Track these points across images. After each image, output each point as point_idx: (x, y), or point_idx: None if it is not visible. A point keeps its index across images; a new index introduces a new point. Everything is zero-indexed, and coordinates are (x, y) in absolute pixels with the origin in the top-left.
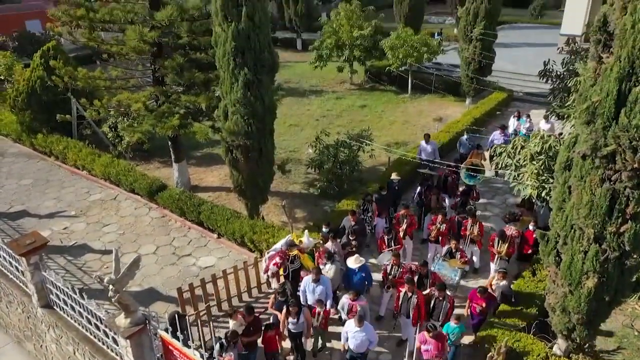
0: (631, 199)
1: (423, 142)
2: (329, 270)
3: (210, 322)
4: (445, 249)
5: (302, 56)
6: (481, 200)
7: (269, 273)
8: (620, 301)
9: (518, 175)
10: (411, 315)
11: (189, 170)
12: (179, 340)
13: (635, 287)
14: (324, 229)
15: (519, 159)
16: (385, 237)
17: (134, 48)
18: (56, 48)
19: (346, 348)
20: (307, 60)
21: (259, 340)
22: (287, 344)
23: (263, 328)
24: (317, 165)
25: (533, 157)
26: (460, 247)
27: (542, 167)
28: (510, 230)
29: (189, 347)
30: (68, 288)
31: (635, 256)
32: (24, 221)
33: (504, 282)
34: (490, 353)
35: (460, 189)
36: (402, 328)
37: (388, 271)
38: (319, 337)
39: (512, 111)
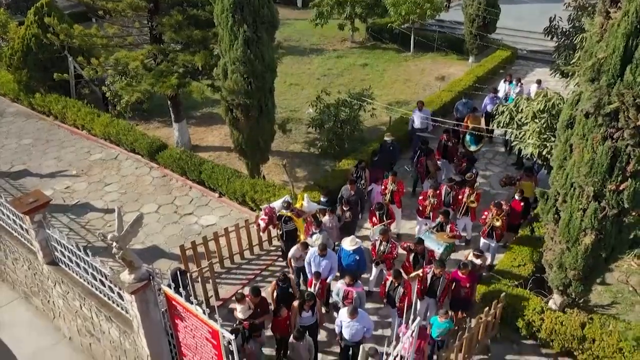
0: (632, 157)
1: (416, 111)
2: (316, 240)
3: (213, 279)
4: (437, 221)
5: (302, 13)
6: (481, 162)
7: (260, 227)
8: (617, 258)
9: (519, 134)
10: (397, 305)
11: (189, 129)
12: (181, 296)
13: (632, 244)
14: (322, 199)
15: (521, 117)
16: (377, 212)
17: (130, 4)
18: (50, 5)
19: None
20: (307, 18)
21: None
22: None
23: (272, 311)
24: (317, 125)
25: (535, 115)
26: (451, 221)
27: (544, 126)
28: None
29: (191, 302)
30: (72, 245)
31: (633, 214)
32: (26, 180)
33: (478, 261)
34: (487, 308)
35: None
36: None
37: (377, 247)
38: None
39: (517, 69)
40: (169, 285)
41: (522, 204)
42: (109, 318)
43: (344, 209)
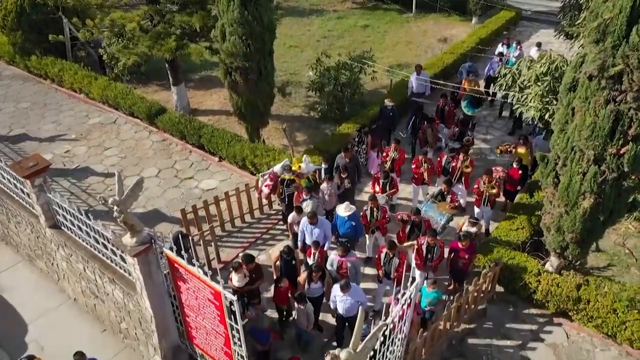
0: (634, 120)
1: (414, 74)
2: (306, 206)
3: (214, 242)
4: (437, 189)
5: None
6: (481, 127)
7: (263, 194)
8: (615, 221)
9: (521, 98)
10: (392, 276)
11: (188, 93)
12: (183, 259)
13: (631, 207)
14: (323, 165)
15: (524, 80)
16: (381, 181)
17: None
18: None
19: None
20: None
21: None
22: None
23: (274, 281)
24: (317, 88)
25: (538, 78)
26: (453, 192)
27: (546, 89)
28: (498, 172)
29: (193, 265)
30: (74, 209)
31: (633, 177)
32: (25, 144)
33: (473, 229)
34: (485, 269)
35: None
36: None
37: (368, 216)
38: None
39: (521, 31)
40: (171, 248)
41: (520, 171)
42: (113, 280)
43: (342, 176)
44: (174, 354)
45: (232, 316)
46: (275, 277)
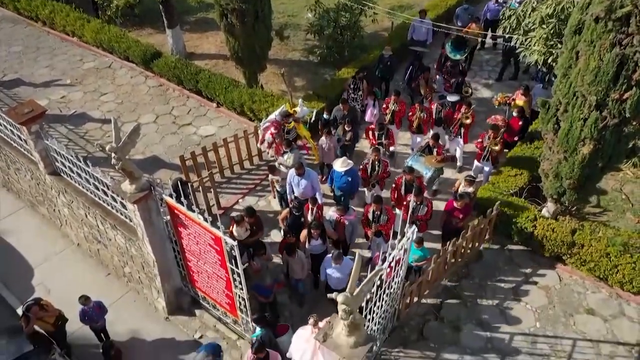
0: (639, 64)
1: (416, 20)
2: (287, 159)
3: (214, 188)
4: (423, 142)
5: None
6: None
7: (265, 144)
8: (613, 167)
9: (525, 41)
10: (383, 234)
11: (184, 36)
12: (183, 206)
13: (630, 153)
14: (324, 116)
15: (528, 22)
16: (376, 132)
17: None
18: None
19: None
20: None
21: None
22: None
23: (283, 233)
24: (316, 31)
25: (543, 20)
26: (440, 143)
27: (551, 32)
28: (497, 120)
29: (193, 211)
30: (72, 156)
31: (634, 123)
32: (20, 90)
33: (470, 189)
34: (481, 215)
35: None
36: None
37: (369, 170)
38: None
39: None
40: (171, 195)
41: (520, 122)
42: (114, 226)
43: (346, 129)
44: (177, 296)
45: (232, 260)
46: (282, 231)
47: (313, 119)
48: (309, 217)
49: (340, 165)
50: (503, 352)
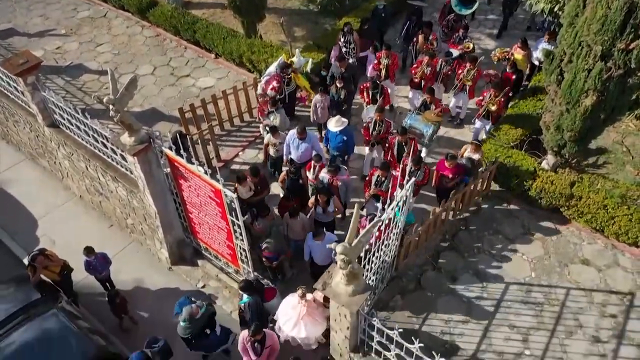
0: None
1: None
2: (273, 119)
3: (213, 141)
4: (420, 100)
5: None
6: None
7: (267, 98)
8: (615, 119)
9: None
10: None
11: None
12: (183, 158)
13: (633, 105)
14: (322, 73)
15: None
16: (371, 92)
17: None
18: None
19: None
20: None
21: (276, 210)
22: None
23: (282, 197)
24: None
25: None
26: (436, 98)
27: None
28: (490, 76)
29: (192, 163)
30: (70, 108)
31: (639, 74)
32: (14, 40)
33: (476, 156)
34: (482, 167)
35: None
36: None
37: (371, 129)
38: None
39: None
40: (170, 148)
41: (514, 76)
42: (115, 178)
43: (338, 85)
44: (179, 247)
45: (233, 212)
46: (282, 194)
47: (309, 68)
48: (310, 176)
49: (334, 124)
50: (498, 300)
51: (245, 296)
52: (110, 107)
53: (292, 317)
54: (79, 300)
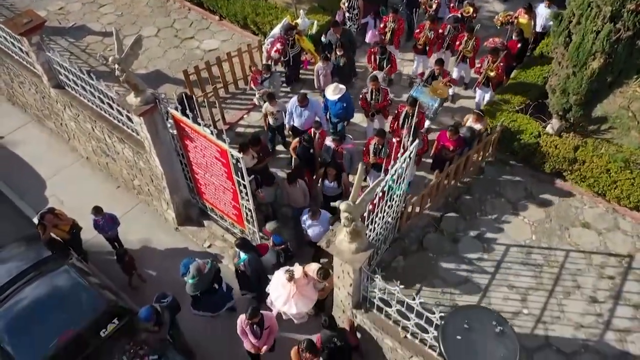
0: None
1: None
2: (270, 84)
3: (219, 103)
4: (427, 72)
5: None
6: None
7: (272, 60)
8: (622, 83)
9: None
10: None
11: None
12: (188, 119)
13: None
14: (322, 39)
15: None
16: (378, 57)
17: None
18: None
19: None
20: None
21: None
22: None
23: (293, 167)
24: None
25: None
26: (445, 70)
27: None
28: (495, 43)
29: (199, 124)
30: (75, 69)
31: None
32: (16, 1)
33: (478, 126)
34: (485, 132)
35: None
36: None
37: (368, 98)
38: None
39: None
40: (176, 108)
41: (519, 44)
42: (121, 139)
43: (339, 54)
44: (185, 208)
45: (238, 172)
46: (293, 163)
47: (315, 30)
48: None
49: (332, 92)
50: (498, 262)
51: (242, 254)
52: (116, 66)
53: (282, 295)
54: (88, 258)
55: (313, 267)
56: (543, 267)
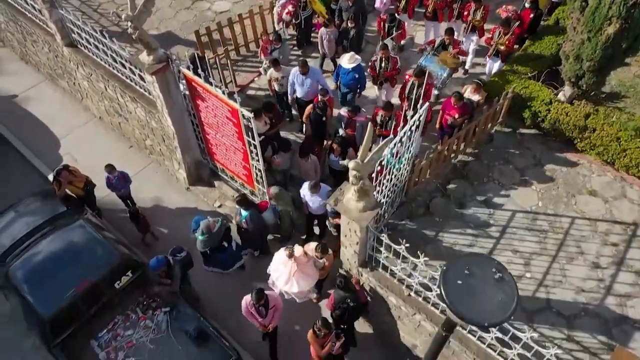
0: None
1: None
2: (279, 54)
3: (230, 65)
4: (438, 40)
5: None
6: None
7: (283, 23)
8: (638, 49)
9: None
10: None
11: None
12: (200, 78)
13: None
14: (332, 6)
15: None
16: (387, 25)
17: None
18: None
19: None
20: None
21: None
22: None
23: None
24: None
25: None
26: (456, 38)
27: None
28: (508, 12)
29: (210, 84)
30: (88, 27)
31: None
32: None
33: (476, 97)
34: (496, 98)
35: None
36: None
37: (377, 67)
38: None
39: None
40: (188, 68)
41: (531, 14)
42: (134, 99)
43: (349, 25)
44: (196, 168)
45: (249, 133)
46: (306, 128)
47: None
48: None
49: (347, 61)
50: (504, 227)
51: (242, 212)
52: (129, 23)
53: (283, 273)
54: (102, 215)
55: (312, 246)
56: (548, 233)
